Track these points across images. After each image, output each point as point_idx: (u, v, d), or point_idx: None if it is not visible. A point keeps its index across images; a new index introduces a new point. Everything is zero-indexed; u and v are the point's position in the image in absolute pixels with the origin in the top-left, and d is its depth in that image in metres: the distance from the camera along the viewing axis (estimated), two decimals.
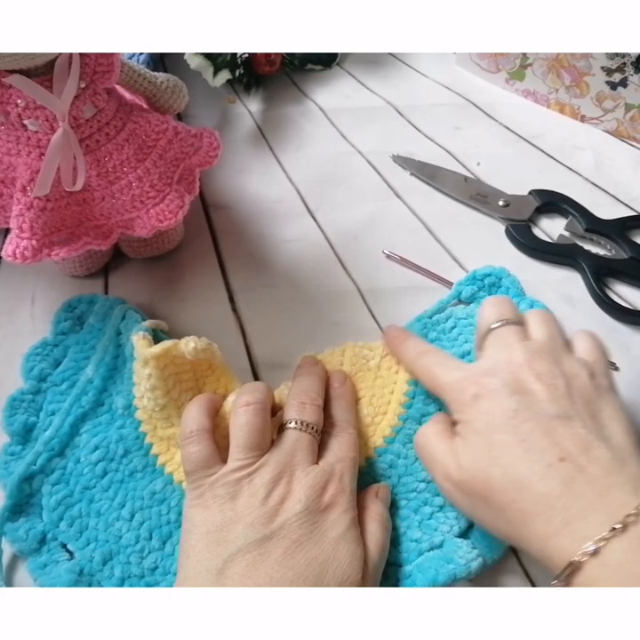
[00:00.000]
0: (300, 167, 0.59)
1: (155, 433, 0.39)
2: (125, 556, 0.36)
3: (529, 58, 0.63)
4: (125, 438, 0.39)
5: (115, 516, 0.37)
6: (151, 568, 0.36)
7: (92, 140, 0.40)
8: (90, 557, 0.36)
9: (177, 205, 0.42)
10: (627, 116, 0.61)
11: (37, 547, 0.37)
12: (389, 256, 0.52)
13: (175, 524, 0.37)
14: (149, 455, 0.39)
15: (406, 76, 0.69)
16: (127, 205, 0.42)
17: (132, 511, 0.37)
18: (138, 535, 0.37)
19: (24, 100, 0.37)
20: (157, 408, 0.38)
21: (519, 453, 0.31)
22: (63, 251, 0.40)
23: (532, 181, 0.57)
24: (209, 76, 0.60)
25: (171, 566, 0.36)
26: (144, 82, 0.43)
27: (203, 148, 0.45)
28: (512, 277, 0.46)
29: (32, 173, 0.38)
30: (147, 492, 0.38)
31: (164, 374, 0.37)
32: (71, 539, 0.37)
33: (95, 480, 0.38)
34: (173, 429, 0.38)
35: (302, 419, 0.36)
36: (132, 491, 0.38)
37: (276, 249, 0.52)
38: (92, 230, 0.42)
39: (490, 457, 0.31)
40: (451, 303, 0.47)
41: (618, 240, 0.52)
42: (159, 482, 0.38)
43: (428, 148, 0.61)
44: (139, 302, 0.47)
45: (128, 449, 0.39)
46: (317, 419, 0.36)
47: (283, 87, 0.67)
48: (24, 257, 0.39)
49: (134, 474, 0.38)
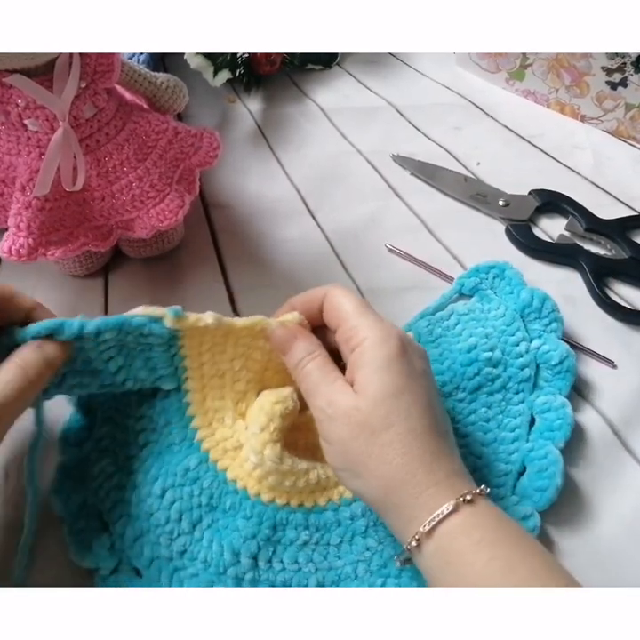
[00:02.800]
0: (300, 167, 0.59)
1: (203, 404, 0.38)
2: (155, 536, 0.35)
3: (529, 58, 0.63)
4: (167, 409, 0.38)
5: (146, 491, 0.36)
6: (180, 551, 0.35)
7: (92, 139, 0.40)
8: (121, 532, 0.36)
9: (177, 205, 0.42)
10: (627, 115, 0.61)
11: (77, 512, 0.36)
12: (392, 250, 0.52)
13: (206, 507, 0.36)
14: (189, 428, 0.38)
15: (406, 76, 0.69)
16: (127, 205, 0.42)
17: (163, 487, 0.36)
18: (168, 516, 0.36)
19: (24, 100, 0.37)
20: (219, 373, 0.37)
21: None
22: (59, 251, 0.40)
23: (532, 181, 0.57)
24: (209, 76, 0.60)
25: (198, 553, 0.35)
26: (144, 82, 0.43)
27: (203, 148, 0.45)
28: (514, 270, 0.47)
29: (31, 173, 0.38)
30: (180, 469, 0.37)
31: (240, 341, 0.36)
32: (106, 509, 0.36)
33: (136, 449, 0.38)
34: (223, 402, 0.38)
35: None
36: (166, 464, 0.37)
37: (276, 249, 0.52)
38: (92, 231, 0.42)
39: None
40: (452, 298, 0.47)
41: (618, 240, 0.52)
42: (194, 458, 0.37)
43: (428, 148, 0.61)
44: (138, 302, 0.47)
45: (169, 420, 0.38)
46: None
47: (283, 87, 0.67)
48: (19, 255, 0.39)
49: (171, 446, 0.38)
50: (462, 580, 0.29)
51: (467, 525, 0.30)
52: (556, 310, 0.45)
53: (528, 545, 0.30)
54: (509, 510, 0.36)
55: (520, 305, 0.45)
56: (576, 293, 0.50)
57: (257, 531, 0.35)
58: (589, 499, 0.40)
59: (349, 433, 0.32)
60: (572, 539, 0.38)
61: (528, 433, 0.41)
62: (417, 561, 0.31)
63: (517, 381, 0.42)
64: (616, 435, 0.42)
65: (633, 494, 0.40)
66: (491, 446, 0.40)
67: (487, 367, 0.42)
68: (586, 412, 0.43)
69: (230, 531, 0.36)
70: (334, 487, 0.37)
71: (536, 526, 0.37)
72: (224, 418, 0.38)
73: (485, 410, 0.41)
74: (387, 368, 0.33)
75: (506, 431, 0.40)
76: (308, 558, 0.36)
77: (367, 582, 0.35)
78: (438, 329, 0.44)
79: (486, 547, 0.29)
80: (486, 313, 0.45)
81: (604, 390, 0.44)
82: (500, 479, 0.39)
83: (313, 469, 0.36)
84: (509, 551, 0.29)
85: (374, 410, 0.32)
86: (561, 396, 0.41)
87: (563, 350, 0.43)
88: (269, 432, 0.35)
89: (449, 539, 0.30)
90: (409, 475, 0.31)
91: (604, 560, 0.37)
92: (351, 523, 0.37)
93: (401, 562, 0.33)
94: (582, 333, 0.47)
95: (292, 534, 0.36)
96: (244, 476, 0.37)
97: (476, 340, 0.42)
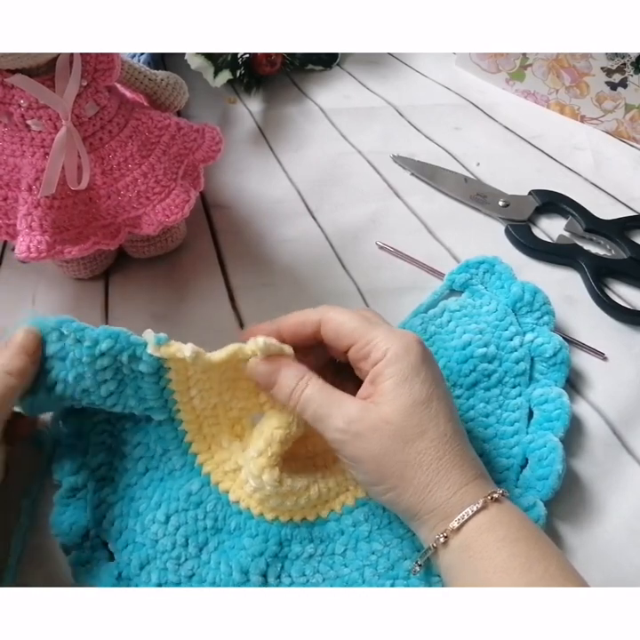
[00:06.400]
0: (301, 167, 0.59)
1: (199, 430, 0.38)
2: (162, 562, 0.35)
3: (529, 58, 0.63)
4: (163, 437, 0.38)
5: (150, 517, 0.36)
6: (188, 575, 0.35)
7: (95, 138, 0.40)
8: (127, 560, 0.35)
9: (183, 200, 0.42)
10: (626, 116, 0.61)
11: (80, 542, 0.36)
12: (382, 247, 0.52)
13: (211, 530, 0.36)
14: (189, 454, 0.38)
15: (406, 76, 0.69)
16: (133, 202, 0.42)
17: (167, 513, 0.36)
18: (174, 541, 0.36)
19: (27, 101, 0.37)
20: (209, 406, 0.37)
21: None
22: (75, 249, 0.40)
23: (532, 181, 0.57)
24: (209, 77, 0.60)
25: (206, 575, 0.35)
26: (144, 79, 0.43)
27: (205, 144, 0.45)
28: (504, 264, 0.47)
29: (37, 172, 0.38)
30: (182, 493, 0.37)
31: (223, 377, 0.36)
32: (111, 539, 0.36)
33: (137, 477, 0.38)
34: (219, 427, 0.38)
35: None
36: (168, 490, 0.37)
37: (276, 248, 0.52)
38: (100, 230, 0.42)
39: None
40: (444, 295, 0.47)
41: (617, 240, 0.52)
42: (196, 482, 0.37)
43: (428, 148, 0.61)
44: (139, 303, 0.47)
45: (166, 448, 0.38)
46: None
47: (283, 87, 0.67)
48: (39, 251, 0.38)
49: (173, 472, 0.38)
50: (480, 574, 0.30)
51: (493, 522, 0.31)
52: (547, 303, 0.45)
53: (546, 546, 0.31)
54: (513, 503, 0.36)
55: (511, 299, 0.45)
56: (576, 293, 0.50)
57: (264, 548, 0.36)
58: (590, 493, 0.40)
59: (381, 446, 0.32)
60: (576, 533, 0.39)
61: (527, 426, 0.41)
62: (439, 558, 0.32)
63: (513, 375, 0.42)
64: (615, 434, 0.43)
65: (631, 488, 0.40)
66: (491, 441, 0.40)
67: (483, 363, 0.42)
68: (581, 404, 0.44)
69: (237, 550, 0.36)
70: (335, 498, 0.37)
71: (540, 515, 0.37)
72: (221, 441, 0.38)
73: (484, 405, 0.41)
74: (415, 377, 0.33)
75: (505, 425, 0.41)
76: (314, 570, 0.36)
77: (375, 585, 0.35)
78: (432, 327, 0.44)
79: (508, 544, 0.30)
80: (478, 308, 0.45)
81: (599, 384, 0.45)
82: (503, 474, 0.39)
83: (313, 484, 0.36)
84: (529, 550, 0.30)
85: (406, 420, 0.32)
86: (557, 387, 0.42)
87: (556, 342, 0.43)
88: (267, 457, 0.35)
89: (476, 534, 0.31)
90: (444, 478, 0.32)
91: (609, 554, 0.38)
92: (354, 530, 0.37)
93: (420, 566, 0.34)
94: (582, 333, 0.47)
95: (298, 548, 0.36)
96: (246, 497, 0.37)
97: (470, 337, 0.42)
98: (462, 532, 0.31)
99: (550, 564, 0.30)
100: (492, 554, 0.30)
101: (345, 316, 0.35)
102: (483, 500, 0.31)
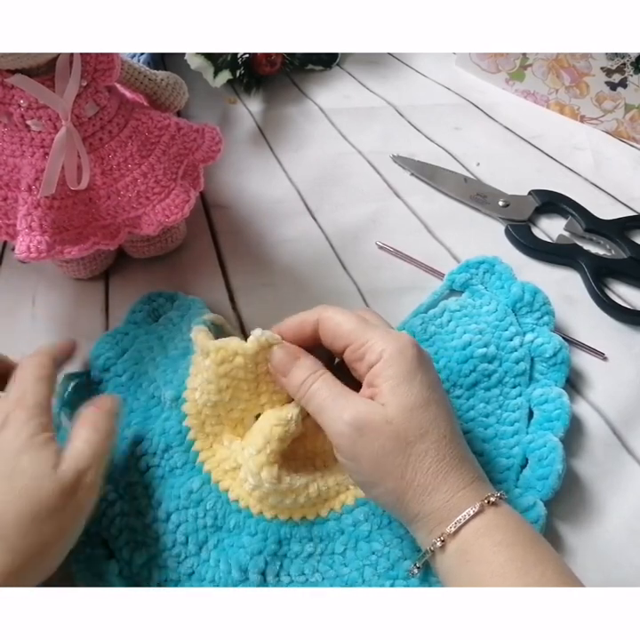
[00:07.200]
0: (300, 167, 0.59)
1: (202, 428, 0.38)
2: (163, 560, 0.35)
3: (529, 58, 0.63)
4: (167, 432, 0.38)
5: (151, 516, 0.36)
6: (187, 574, 0.35)
7: (95, 138, 0.40)
8: (128, 559, 0.36)
9: (183, 200, 0.42)
10: (626, 116, 0.61)
11: (81, 540, 0.35)
12: (382, 247, 0.52)
13: (211, 528, 0.36)
14: (191, 451, 0.38)
15: (406, 76, 0.69)
16: (133, 202, 0.42)
17: (167, 511, 0.36)
18: (174, 539, 0.36)
19: (26, 101, 0.37)
20: (209, 404, 0.37)
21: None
22: (75, 249, 0.40)
23: (532, 181, 0.57)
24: (209, 77, 0.60)
25: (206, 573, 0.35)
26: (144, 79, 0.43)
27: (205, 144, 0.45)
28: (504, 264, 0.47)
29: (37, 172, 0.38)
30: (183, 491, 0.37)
31: (220, 371, 0.36)
32: (111, 537, 0.36)
33: (138, 475, 0.38)
34: (221, 427, 0.38)
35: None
36: (169, 488, 0.37)
37: (276, 248, 0.52)
38: (100, 230, 0.42)
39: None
40: (444, 295, 0.47)
41: (617, 240, 0.52)
42: (196, 480, 0.37)
43: (428, 148, 0.61)
44: None
45: (169, 443, 0.38)
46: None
47: (283, 87, 0.67)
48: (39, 251, 0.38)
49: (174, 470, 0.38)
50: (477, 578, 0.30)
51: (490, 526, 0.31)
52: (547, 303, 0.45)
53: (543, 550, 0.31)
54: (513, 503, 0.36)
55: (511, 299, 0.45)
56: (575, 293, 0.50)
57: (263, 546, 0.36)
58: (590, 493, 0.40)
59: (382, 447, 0.32)
60: (576, 533, 0.39)
61: (527, 426, 0.41)
62: (437, 562, 0.32)
63: (513, 375, 0.42)
64: (615, 434, 0.43)
65: (631, 488, 0.40)
66: (492, 442, 0.40)
67: (483, 363, 0.42)
68: (581, 404, 0.44)
69: (236, 548, 0.36)
70: (335, 497, 0.37)
71: (540, 516, 0.37)
72: (223, 440, 0.38)
73: (484, 405, 0.41)
74: (412, 380, 0.33)
75: (505, 425, 0.41)
76: (314, 569, 0.36)
77: (375, 585, 0.35)
78: (432, 327, 0.44)
79: (505, 548, 0.30)
80: (478, 308, 0.45)
81: (599, 384, 0.45)
82: (503, 474, 0.39)
83: (312, 483, 0.36)
84: (525, 554, 0.30)
85: (406, 421, 0.32)
86: (557, 387, 0.42)
87: (556, 343, 0.43)
88: (266, 454, 0.35)
89: (472, 538, 0.31)
90: (443, 480, 0.32)
91: (609, 552, 0.38)
92: (354, 529, 0.37)
93: (418, 568, 0.33)
94: (582, 333, 0.47)
95: (297, 547, 0.36)
96: (245, 495, 0.37)
97: (470, 337, 0.42)
98: (459, 537, 0.31)
99: (547, 568, 0.29)
100: (489, 558, 0.30)
101: (342, 317, 0.35)
102: (479, 503, 0.31)
